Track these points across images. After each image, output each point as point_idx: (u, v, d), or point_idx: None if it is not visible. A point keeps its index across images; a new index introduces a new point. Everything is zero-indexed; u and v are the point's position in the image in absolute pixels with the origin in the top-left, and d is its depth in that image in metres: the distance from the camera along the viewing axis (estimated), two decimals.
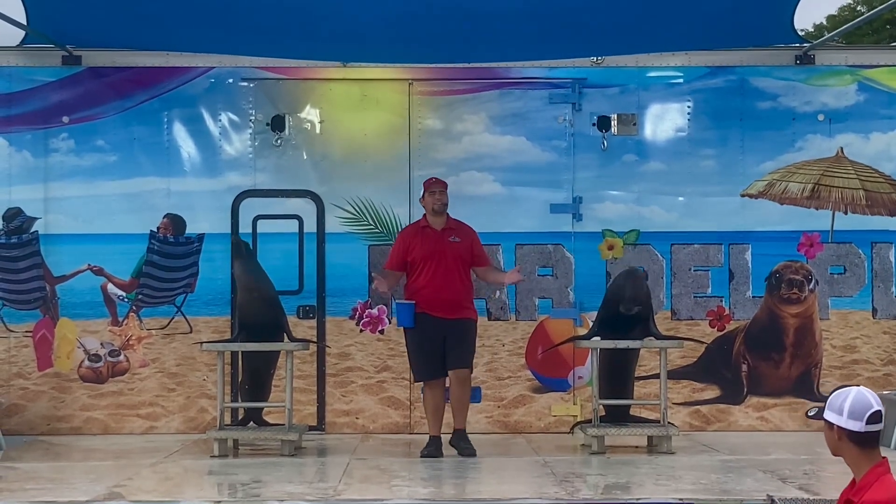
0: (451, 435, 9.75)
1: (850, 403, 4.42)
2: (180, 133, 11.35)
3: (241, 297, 10.30)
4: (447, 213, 9.91)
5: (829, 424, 4.48)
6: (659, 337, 10.14)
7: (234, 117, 11.38)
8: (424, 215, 9.98)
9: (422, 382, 9.98)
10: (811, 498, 7.46)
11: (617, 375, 10.15)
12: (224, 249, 11.16)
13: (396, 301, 9.99)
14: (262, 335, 10.00)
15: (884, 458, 4.44)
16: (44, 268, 11.22)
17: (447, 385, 9.77)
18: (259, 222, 11.24)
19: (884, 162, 11.44)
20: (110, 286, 11.26)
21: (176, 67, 11.28)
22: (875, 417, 4.41)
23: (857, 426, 4.40)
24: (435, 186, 9.86)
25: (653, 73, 11.46)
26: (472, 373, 9.92)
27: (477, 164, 11.36)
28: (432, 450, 9.60)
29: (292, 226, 11.26)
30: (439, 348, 9.64)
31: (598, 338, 10.15)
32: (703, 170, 11.42)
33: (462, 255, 9.79)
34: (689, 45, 11.16)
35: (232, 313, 11.09)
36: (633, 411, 10.29)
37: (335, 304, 11.25)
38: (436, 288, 9.66)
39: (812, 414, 3.70)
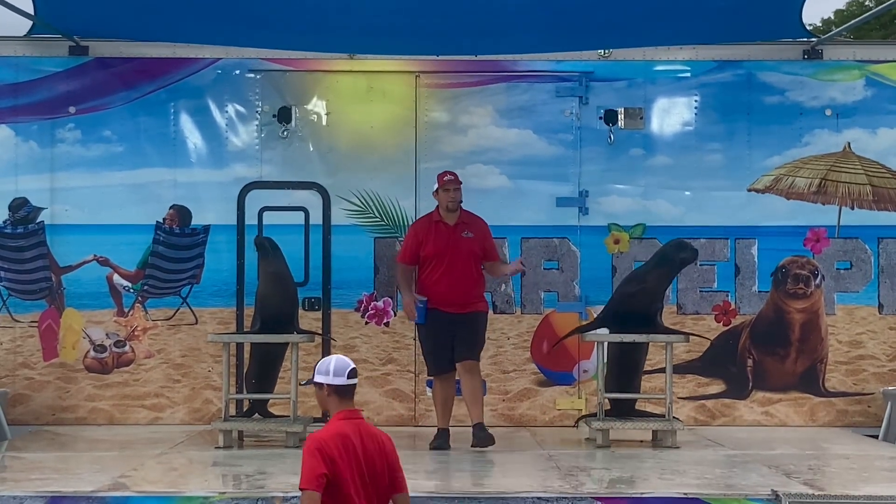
0: (471, 432, 9.60)
1: (333, 365, 5.53)
2: (187, 124, 11.35)
3: (266, 292, 10.24)
4: (460, 206, 9.89)
5: (319, 385, 5.54)
6: (664, 332, 10.13)
7: (241, 108, 11.38)
8: (437, 208, 9.94)
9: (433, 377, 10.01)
10: (816, 493, 7.45)
11: (624, 370, 10.14)
12: (230, 241, 11.20)
13: None
14: (281, 329, 10.02)
15: (353, 410, 5.56)
16: (50, 258, 11.23)
17: (457, 378, 9.79)
18: (265, 214, 11.24)
19: (891, 157, 11.42)
20: (116, 277, 11.27)
21: (183, 58, 11.28)
22: (352, 374, 5.54)
23: (340, 381, 5.51)
24: (449, 185, 9.81)
25: (660, 67, 11.45)
26: (479, 363, 9.90)
27: (483, 156, 11.36)
28: (441, 442, 9.65)
29: (298, 217, 11.26)
30: (449, 343, 9.69)
31: (604, 330, 10.13)
32: (709, 164, 11.41)
33: (473, 251, 9.80)
34: (696, 39, 11.13)
35: (239, 305, 11.12)
36: (638, 405, 10.29)
37: (340, 296, 11.26)
38: (447, 284, 9.70)
39: (304, 383, 4.68)
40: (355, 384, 5.61)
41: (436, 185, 9.92)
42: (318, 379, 5.57)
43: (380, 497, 5.51)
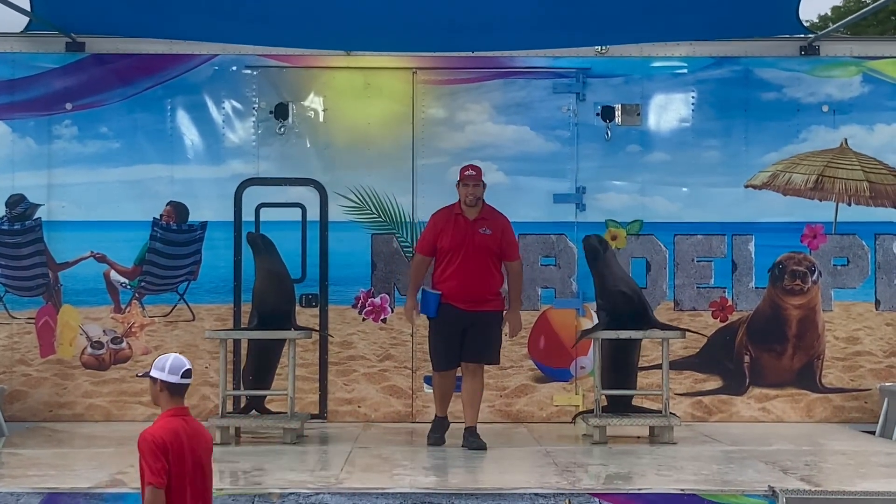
0: (462, 433, 9.56)
1: (170, 363, 5.71)
2: (184, 120, 11.35)
3: (263, 289, 10.24)
4: (483, 200, 9.70)
5: (154, 379, 5.72)
6: (660, 328, 10.14)
7: (238, 105, 11.37)
8: (459, 201, 9.73)
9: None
10: (813, 489, 7.47)
11: (620, 366, 10.14)
12: (227, 237, 11.19)
13: (424, 289, 9.78)
14: (278, 325, 10.00)
15: (182, 408, 5.77)
16: (47, 254, 11.22)
17: (458, 375, 9.71)
18: (262, 210, 11.24)
19: (888, 153, 11.42)
20: (113, 273, 11.26)
21: (179, 55, 11.27)
22: (187, 374, 5.76)
23: (174, 379, 5.71)
24: (469, 180, 9.59)
25: (657, 63, 11.45)
26: (496, 363, 9.86)
27: (480, 153, 11.32)
28: (438, 437, 9.63)
29: (295, 214, 11.25)
30: (458, 340, 9.52)
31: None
32: (706, 160, 11.41)
33: (491, 248, 9.59)
34: (693, 35, 11.14)
35: (236, 302, 11.12)
36: (635, 402, 10.29)
37: (338, 292, 11.25)
38: (461, 280, 9.51)
39: (140, 374, 5.12)
40: (188, 384, 5.82)
41: (458, 178, 9.76)
42: (153, 374, 5.75)
43: (204, 492, 5.69)
